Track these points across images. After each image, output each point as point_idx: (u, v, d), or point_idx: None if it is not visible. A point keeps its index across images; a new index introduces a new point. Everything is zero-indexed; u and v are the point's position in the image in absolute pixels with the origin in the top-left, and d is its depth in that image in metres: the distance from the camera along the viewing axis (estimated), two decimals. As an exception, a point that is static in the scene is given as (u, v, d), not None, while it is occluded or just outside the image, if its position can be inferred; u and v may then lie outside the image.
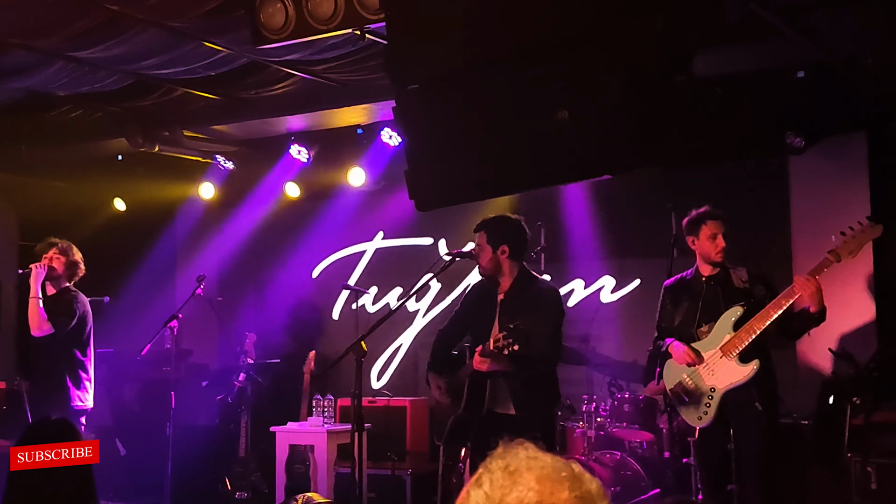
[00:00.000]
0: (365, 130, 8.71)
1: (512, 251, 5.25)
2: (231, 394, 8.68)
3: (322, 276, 9.80)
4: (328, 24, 4.80)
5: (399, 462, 8.13)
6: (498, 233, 5.26)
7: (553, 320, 5.18)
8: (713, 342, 5.23)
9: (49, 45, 6.54)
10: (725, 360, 5.18)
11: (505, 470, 1.35)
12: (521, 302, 5.19)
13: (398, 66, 3.34)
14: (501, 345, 4.87)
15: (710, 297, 5.29)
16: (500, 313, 5.22)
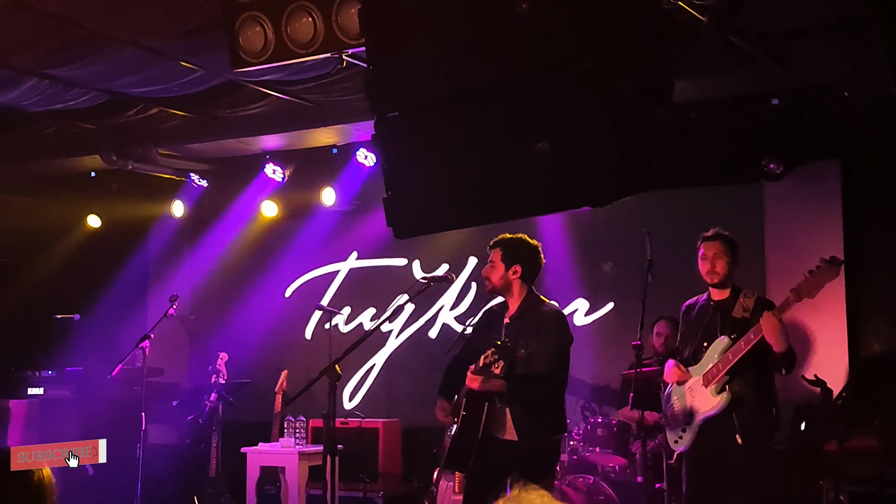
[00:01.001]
0: (340, 150, 8.71)
1: (524, 273, 5.20)
2: (202, 413, 8.60)
3: (295, 295, 9.75)
4: (307, 48, 4.78)
5: (371, 484, 8.09)
6: (513, 252, 5.22)
7: (555, 342, 5.08)
8: (700, 369, 5.25)
9: (23, 63, 6.49)
10: (703, 388, 5.19)
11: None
12: (525, 324, 5.13)
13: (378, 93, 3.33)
14: (489, 361, 4.83)
15: (710, 323, 5.29)
16: (504, 334, 5.17)
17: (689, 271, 6.94)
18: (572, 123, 2.85)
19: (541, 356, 5.01)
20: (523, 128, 2.95)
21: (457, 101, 3.10)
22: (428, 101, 3.16)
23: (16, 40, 6.04)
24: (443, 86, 3.13)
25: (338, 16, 4.66)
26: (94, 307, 9.84)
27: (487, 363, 4.89)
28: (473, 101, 3.05)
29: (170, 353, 9.26)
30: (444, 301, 8.98)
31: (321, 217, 9.38)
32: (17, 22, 5.81)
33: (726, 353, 5.11)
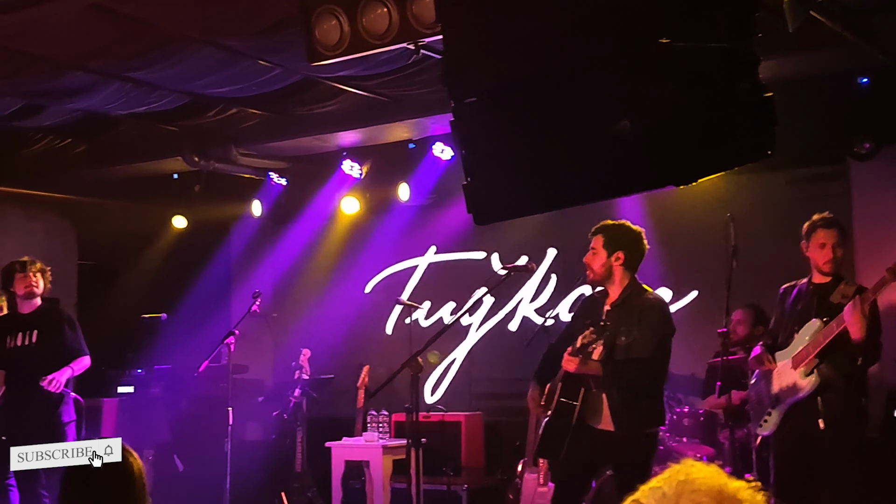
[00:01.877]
0: (417, 145, 8.72)
1: (627, 260, 5.07)
2: (287, 409, 8.70)
3: (375, 291, 9.80)
4: (383, 39, 4.79)
5: (455, 477, 8.08)
6: (616, 239, 5.10)
7: (655, 330, 4.95)
8: (790, 352, 5.12)
9: (105, 67, 6.63)
10: (792, 371, 5.07)
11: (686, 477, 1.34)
12: (627, 312, 5.00)
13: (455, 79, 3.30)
14: (587, 341, 4.75)
15: (806, 308, 5.16)
16: (604, 322, 5.03)
17: (775, 256, 6.82)
18: (654, 101, 2.79)
19: (641, 344, 4.89)
20: (604, 107, 2.90)
21: (535, 82, 3.06)
22: (506, 84, 3.13)
23: (97, 44, 6.18)
24: (520, 68, 3.09)
25: (413, 5, 4.66)
26: (179, 306, 10.04)
27: (585, 343, 4.79)
28: (552, 82, 3.01)
29: (254, 350, 9.40)
30: (524, 293, 8.93)
31: (399, 212, 9.42)
32: (97, 26, 5.94)
33: (817, 335, 4.98)
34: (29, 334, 6.61)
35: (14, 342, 6.64)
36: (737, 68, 2.90)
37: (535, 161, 3.11)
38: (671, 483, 1.32)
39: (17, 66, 6.53)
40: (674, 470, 1.36)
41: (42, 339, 6.53)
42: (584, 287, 8.00)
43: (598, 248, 5.12)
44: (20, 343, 6.62)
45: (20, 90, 7.12)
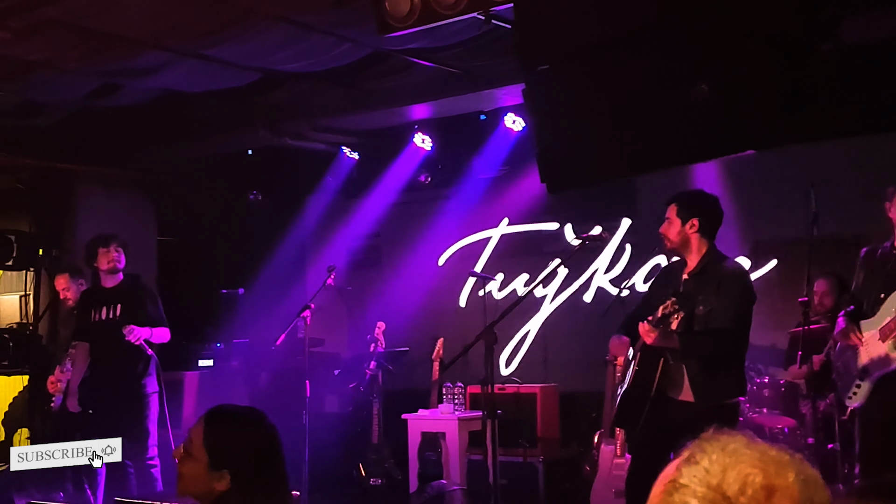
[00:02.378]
0: (488, 116, 8.68)
1: (702, 226, 4.95)
2: (363, 382, 8.79)
3: (448, 263, 9.81)
4: (453, 9, 4.76)
5: (530, 448, 8.08)
6: (690, 206, 4.98)
7: (735, 300, 4.85)
8: (877, 322, 4.98)
9: (180, 45, 6.71)
10: (881, 343, 4.92)
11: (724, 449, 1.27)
12: (705, 281, 4.90)
13: (527, 47, 3.28)
14: (668, 311, 4.68)
15: (891, 273, 5.01)
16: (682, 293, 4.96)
17: (857, 223, 6.64)
18: (733, 64, 2.73)
19: (720, 313, 4.79)
20: (680, 72, 2.84)
21: (608, 48, 3.01)
22: (578, 50, 3.09)
23: (172, 23, 6.25)
24: (593, 34, 3.05)
25: (483, -27, 4.61)
26: (256, 281, 10.19)
27: (666, 314, 4.71)
28: (626, 47, 2.96)
29: (329, 323, 9.50)
30: (599, 264, 8.86)
31: (471, 184, 9.39)
32: (171, 4, 6.01)
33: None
34: (113, 308, 6.74)
35: (98, 315, 6.79)
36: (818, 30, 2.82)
37: (609, 128, 3.07)
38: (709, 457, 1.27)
39: (93, 47, 6.65)
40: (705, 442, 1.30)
41: (125, 312, 6.66)
42: (659, 257, 7.91)
43: (672, 216, 5.01)
44: (105, 316, 6.76)
45: (97, 70, 7.25)
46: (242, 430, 2.79)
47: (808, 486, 1.23)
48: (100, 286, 6.91)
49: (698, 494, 1.23)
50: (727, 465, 1.24)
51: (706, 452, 1.27)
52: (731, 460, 1.24)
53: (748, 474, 1.23)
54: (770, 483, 1.22)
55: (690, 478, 1.25)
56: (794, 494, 1.22)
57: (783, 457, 1.26)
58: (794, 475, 1.23)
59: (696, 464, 1.26)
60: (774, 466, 1.23)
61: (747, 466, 1.23)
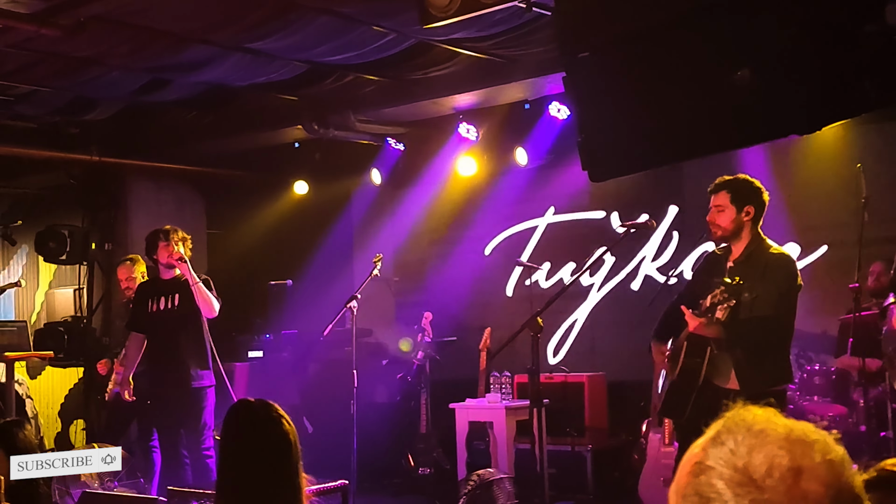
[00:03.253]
0: (532, 105, 8.65)
1: (755, 214, 4.93)
2: (410, 372, 8.83)
3: (494, 252, 9.81)
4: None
5: (578, 437, 8.07)
6: (744, 193, 4.93)
7: (779, 286, 4.80)
8: None
9: (226, 39, 6.78)
10: (949, 330, 4.84)
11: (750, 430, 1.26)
12: (751, 267, 4.85)
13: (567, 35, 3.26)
14: (717, 301, 4.64)
15: None
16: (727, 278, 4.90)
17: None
18: (775, 47, 2.70)
19: (765, 301, 4.73)
20: (722, 57, 2.82)
21: (649, 34, 3.00)
22: (619, 37, 3.08)
23: (217, 17, 6.33)
24: (634, 20, 3.03)
25: (523, -38, 4.60)
26: (304, 272, 10.28)
27: (715, 303, 4.67)
28: (667, 33, 2.94)
29: (377, 314, 9.55)
30: (646, 252, 8.80)
31: (516, 173, 9.37)
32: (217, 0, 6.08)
33: None
34: (171, 298, 6.76)
35: (157, 306, 6.81)
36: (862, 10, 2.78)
37: (651, 115, 3.05)
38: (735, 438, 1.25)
39: (141, 42, 6.75)
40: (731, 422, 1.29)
41: (184, 303, 6.70)
42: (707, 244, 7.84)
43: (724, 203, 4.94)
44: (163, 307, 6.79)
45: (145, 65, 7.36)
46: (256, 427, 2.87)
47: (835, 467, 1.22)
48: (158, 278, 6.97)
49: (724, 476, 1.22)
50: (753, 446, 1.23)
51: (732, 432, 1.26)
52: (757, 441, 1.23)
53: (775, 455, 1.21)
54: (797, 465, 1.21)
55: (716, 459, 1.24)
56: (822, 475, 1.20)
57: (810, 436, 1.24)
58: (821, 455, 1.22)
59: (722, 444, 1.25)
60: (801, 447, 1.22)
61: (774, 447, 1.22)
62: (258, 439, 2.87)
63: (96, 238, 10.09)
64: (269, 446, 2.86)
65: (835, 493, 1.20)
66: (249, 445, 2.87)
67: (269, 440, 2.87)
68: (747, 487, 1.21)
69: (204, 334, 6.71)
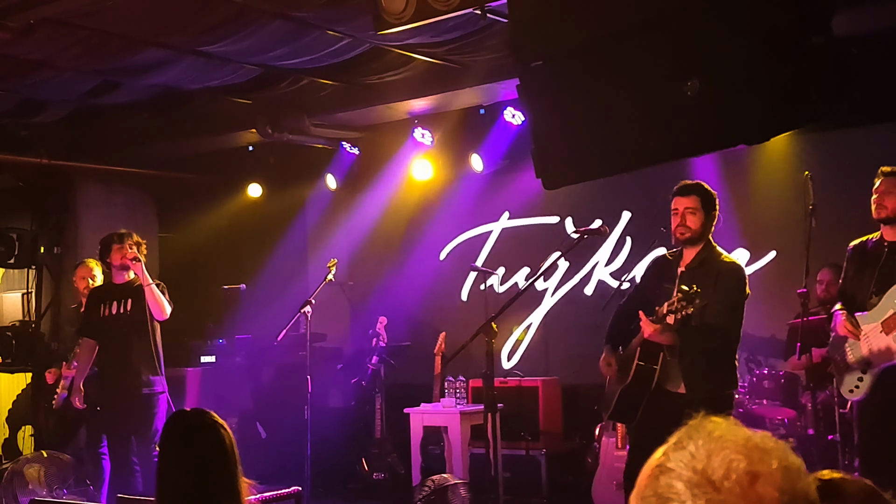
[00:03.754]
0: (487, 110, 8.69)
1: (717, 221, 5.06)
2: (365, 376, 8.82)
3: (449, 257, 9.83)
4: (448, 4, 4.78)
5: (533, 442, 8.11)
6: (710, 199, 5.02)
7: (730, 294, 4.89)
8: (877, 315, 4.97)
9: (179, 42, 6.73)
10: (884, 336, 4.92)
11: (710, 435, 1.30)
12: (703, 274, 4.93)
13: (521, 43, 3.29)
14: (675, 308, 4.67)
15: (886, 266, 5.01)
16: (678, 286, 4.96)
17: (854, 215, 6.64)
18: (724, 58, 2.74)
19: (716, 308, 4.81)
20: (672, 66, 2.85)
21: (602, 44, 3.02)
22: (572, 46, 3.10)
23: (171, 20, 6.28)
24: (587, 30, 3.06)
25: (478, -31, 4.62)
26: (258, 276, 10.22)
27: (672, 310, 4.71)
28: (619, 43, 2.97)
29: (331, 318, 9.52)
30: (599, 257, 8.87)
31: (471, 178, 9.41)
32: (170, 2, 6.03)
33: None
34: (124, 303, 6.67)
35: (109, 310, 6.71)
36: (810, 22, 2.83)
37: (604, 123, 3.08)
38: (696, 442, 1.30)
39: (92, 45, 6.67)
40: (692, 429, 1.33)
41: (136, 307, 6.61)
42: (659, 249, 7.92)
43: (696, 206, 4.99)
44: (115, 311, 6.69)
45: (97, 67, 7.27)
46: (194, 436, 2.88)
47: (791, 474, 1.25)
48: (111, 283, 6.88)
49: (683, 478, 1.26)
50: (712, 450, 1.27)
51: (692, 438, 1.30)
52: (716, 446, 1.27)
53: (732, 459, 1.25)
54: (753, 469, 1.24)
55: (677, 462, 1.28)
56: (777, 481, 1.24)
57: (767, 444, 1.28)
58: (778, 462, 1.25)
59: (683, 448, 1.29)
60: (758, 453, 1.26)
61: (732, 452, 1.26)
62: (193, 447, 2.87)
63: (45, 241, 9.95)
64: (204, 454, 2.86)
65: (789, 499, 1.23)
66: (185, 454, 2.87)
67: (204, 448, 2.86)
68: (704, 489, 1.24)
69: (156, 340, 6.64)
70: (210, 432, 2.88)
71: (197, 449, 2.85)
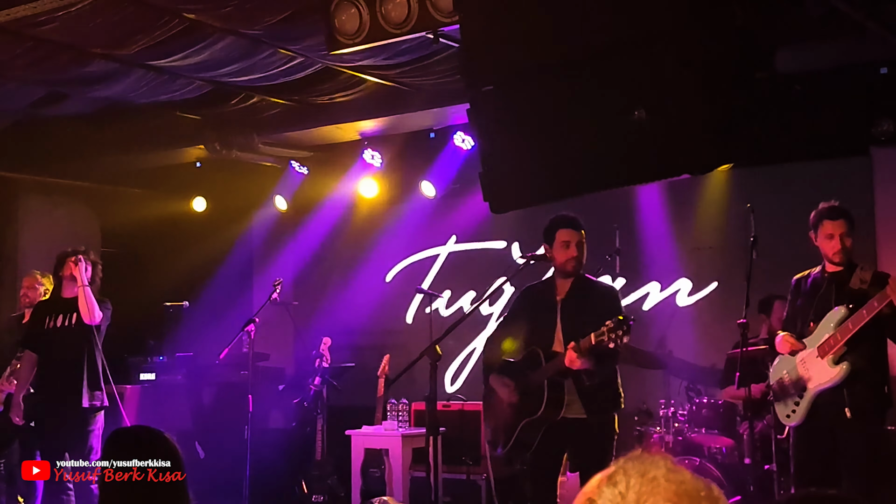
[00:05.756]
0: (437, 134, 8.73)
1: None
2: (307, 397, 8.75)
3: (395, 280, 9.83)
4: (402, 27, 4.81)
5: (474, 466, 8.10)
6: (584, 230, 5.27)
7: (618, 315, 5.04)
8: (814, 341, 5.08)
9: (128, 55, 6.68)
10: (819, 360, 5.03)
11: (643, 476, 1.28)
12: (584, 302, 5.13)
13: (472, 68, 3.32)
14: (606, 338, 4.74)
15: (825, 296, 5.13)
16: (561, 315, 5.15)
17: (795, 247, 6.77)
18: (670, 90, 2.80)
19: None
20: (619, 97, 2.90)
21: (551, 72, 3.07)
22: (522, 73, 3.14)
23: (120, 33, 6.23)
24: (538, 56, 3.10)
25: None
26: (202, 294, 10.10)
27: (603, 340, 4.76)
28: (568, 71, 3.01)
29: (275, 338, 9.45)
30: (545, 282, 8.92)
31: (420, 202, 9.43)
32: (121, 15, 5.99)
33: (845, 322, 4.93)
34: (69, 316, 6.59)
35: (53, 323, 6.62)
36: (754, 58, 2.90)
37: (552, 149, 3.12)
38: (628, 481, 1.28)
39: (42, 55, 6.59)
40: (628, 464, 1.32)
41: (81, 321, 6.53)
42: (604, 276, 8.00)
43: (584, 241, 5.25)
44: (59, 324, 6.59)
45: (44, 78, 7.19)
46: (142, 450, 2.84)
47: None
48: (59, 296, 6.78)
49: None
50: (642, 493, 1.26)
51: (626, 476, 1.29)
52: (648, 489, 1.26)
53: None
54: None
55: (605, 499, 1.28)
56: None
57: (699, 491, 1.28)
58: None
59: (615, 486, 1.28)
60: (688, 501, 1.26)
61: (661, 500, 1.25)
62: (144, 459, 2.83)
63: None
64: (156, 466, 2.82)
65: None
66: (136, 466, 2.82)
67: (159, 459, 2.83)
68: None
69: (97, 354, 6.54)
70: (163, 443, 2.85)
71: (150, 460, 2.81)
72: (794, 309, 5.36)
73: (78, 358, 6.47)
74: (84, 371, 6.47)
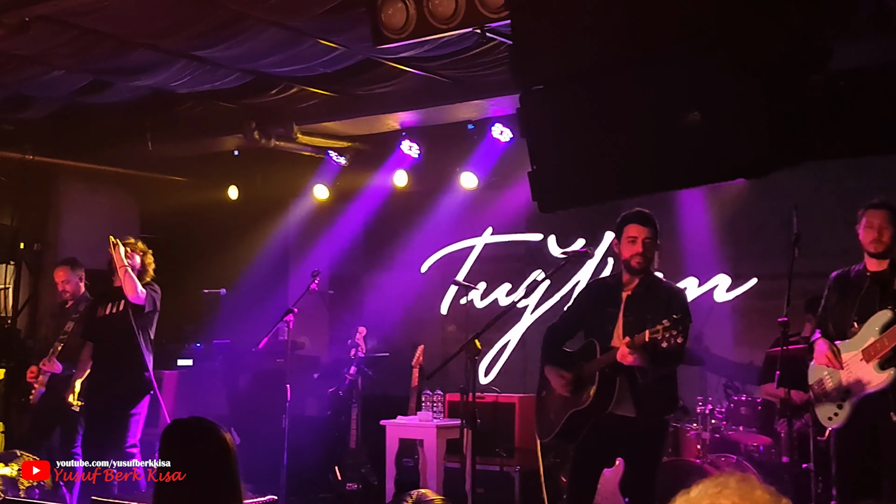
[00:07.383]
0: (476, 126, 8.72)
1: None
2: (342, 386, 8.80)
3: (431, 270, 9.84)
4: (449, 23, 4.80)
5: (507, 458, 8.11)
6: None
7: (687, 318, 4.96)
8: (857, 343, 5.03)
9: (173, 45, 6.73)
10: (864, 364, 4.98)
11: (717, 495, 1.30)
12: (650, 299, 5.05)
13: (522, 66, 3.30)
14: (661, 336, 4.70)
15: (868, 296, 5.07)
16: (625, 311, 5.08)
17: (837, 245, 6.73)
18: (725, 93, 2.77)
19: None
20: (673, 99, 2.88)
21: (604, 72, 3.04)
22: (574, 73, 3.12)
23: (166, 24, 6.27)
24: (588, 57, 3.08)
25: (479, -11, 4.65)
26: (238, 282, 10.18)
27: (657, 339, 4.73)
28: (621, 72, 2.99)
29: (310, 326, 9.50)
30: (581, 276, 8.90)
31: (456, 193, 9.42)
32: (166, 5, 6.03)
33: (893, 327, 4.89)
34: (117, 304, 6.88)
35: (104, 311, 6.95)
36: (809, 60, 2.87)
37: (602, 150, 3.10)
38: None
39: (86, 44, 6.65)
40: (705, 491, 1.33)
41: (127, 308, 6.76)
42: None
43: (653, 237, 5.16)
44: (108, 312, 6.92)
45: (88, 67, 7.25)
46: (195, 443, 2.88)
47: None
48: (111, 286, 6.98)
49: None
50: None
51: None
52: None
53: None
54: None
55: None
56: None
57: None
58: None
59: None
60: None
61: None
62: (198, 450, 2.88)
63: (25, 238, 9.89)
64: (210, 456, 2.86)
65: None
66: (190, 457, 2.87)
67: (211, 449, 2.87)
68: None
69: (143, 340, 6.80)
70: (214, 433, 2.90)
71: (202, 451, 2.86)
72: (829, 305, 5.31)
73: (126, 343, 6.72)
74: (132, 356, 6.68)
